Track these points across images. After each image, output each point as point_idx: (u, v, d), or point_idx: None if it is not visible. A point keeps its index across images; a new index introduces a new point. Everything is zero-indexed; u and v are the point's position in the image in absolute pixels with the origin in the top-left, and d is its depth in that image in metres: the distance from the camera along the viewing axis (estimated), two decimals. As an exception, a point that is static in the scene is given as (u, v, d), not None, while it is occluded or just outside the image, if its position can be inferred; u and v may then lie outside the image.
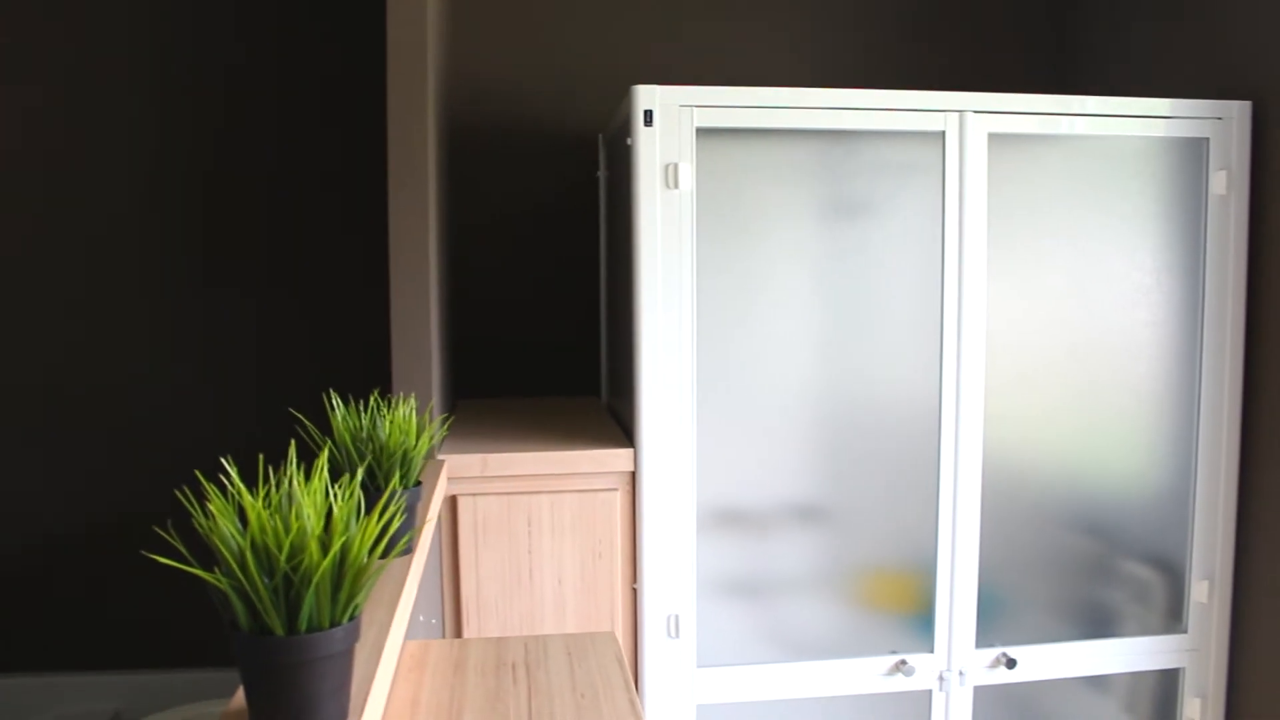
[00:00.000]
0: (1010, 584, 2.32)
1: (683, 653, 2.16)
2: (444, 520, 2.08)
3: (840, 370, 2.20)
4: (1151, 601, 2.39)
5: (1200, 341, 2.32)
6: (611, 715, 1.02)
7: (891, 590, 2.28)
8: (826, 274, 2.18)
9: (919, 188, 2.19)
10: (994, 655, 2.29)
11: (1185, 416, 2.34)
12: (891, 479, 2.24)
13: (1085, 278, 2.27)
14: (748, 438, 2.18)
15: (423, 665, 1.18)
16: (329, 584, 0.89)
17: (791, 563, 2.23)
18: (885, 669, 2.25)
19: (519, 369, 2.94)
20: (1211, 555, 2.37)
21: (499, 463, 2.07)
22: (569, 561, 2.09)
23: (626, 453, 2.10)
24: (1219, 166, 2.29)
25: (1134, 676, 2.41)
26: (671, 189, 2.07)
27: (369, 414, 1.40)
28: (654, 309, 2.08)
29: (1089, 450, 2.32)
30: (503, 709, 1.05)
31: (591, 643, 1.21)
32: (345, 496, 0.93)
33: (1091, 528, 2.34)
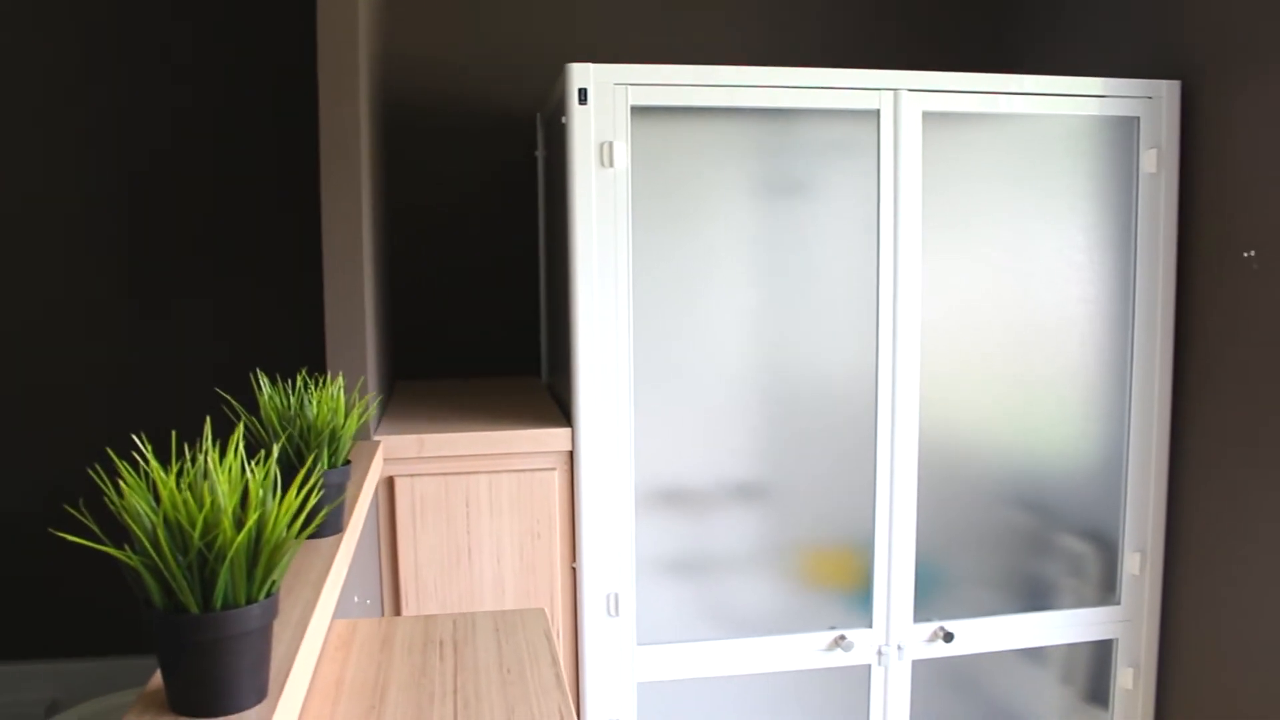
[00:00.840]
0: (947, 559, 2.35)
1: (622, 631, 2.16)
2: (381, 502, 2.07)
3: (779, 349, 2.21)
4: (1085, 574, 2.43)
5: (1132, 317, 2.35)
6: (537, 690, 1.02)
7: (830, 567, 2.30)
8: (764, 253, 2.18)
9: (855, 166, 2.20)
10: (932, 629, 2.32)
11: (1118, 392, 2.37)
12: (830, 457, 2.26)
13: (1019, 255, 2.29)
14: (686, 417, 2.18)
15: (350, 644, 1.17)
16: (244, 560, 0.88)
17: (731, 540, 2.24)
18: (824, 645, 2.27)
19: (459, 351, 2.92)
20: (1143, 528, 2.41)
21: (436, 443, 2.05)
22: (508, 541, 2.09)
23: (564, 432, 2.10)
24: (1149, 145, 2.32)
25: (1069, 648, 2.45)
26: (606, 168, 2.06)
27: (296, 393, 1.39)
28: (590, 287, 2.08)
29: (1024, 426, 2.34)
30: (428, 685, 1.04)
31: (520, 619, 1.21)
32: (262, 473, 0.92)
33: (1027, 502, 2.37)
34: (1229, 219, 2.25)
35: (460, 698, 1.02)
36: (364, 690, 1.04)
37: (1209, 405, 2.31)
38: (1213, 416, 2.30)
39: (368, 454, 1.89)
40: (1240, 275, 2.22)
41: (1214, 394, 2.30)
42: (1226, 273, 2.26)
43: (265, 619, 0.89)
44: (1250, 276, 2.19)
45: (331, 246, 1.94)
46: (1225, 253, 2.26)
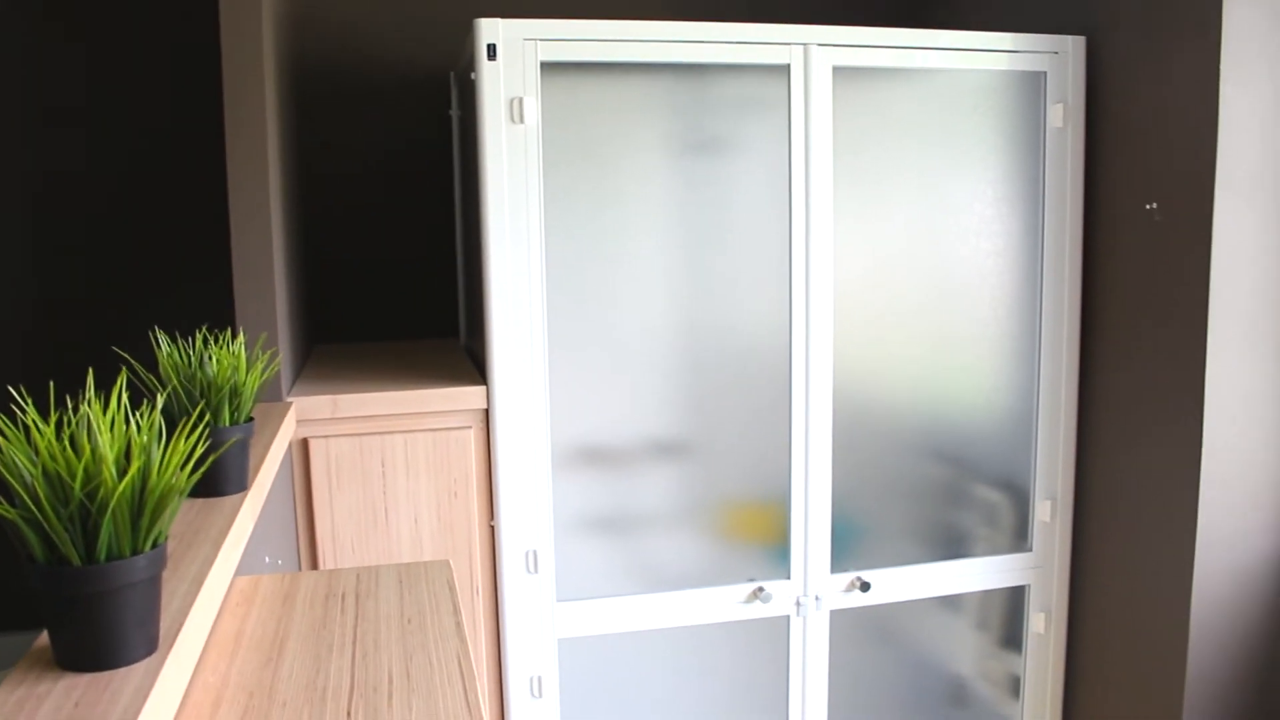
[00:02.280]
0: (865, 511, 2.38)
1: (542, 587, 2.17)
2: (296, 463, 2.05)
3: (695, 307, 2.22)
4: (999, 523, 2.48)
5: (1040, 269, 2.39)
6: (436, 637, 1.02)
7: (749, 522, 2.33)
8: (679, 210, 2.19)
9: (768, 123, 2.21)
10: (849, 580, 2.35)
11: (1028, 343, 2.42)
12: (747, 414, 2.28)
13: (930, 210, 2.32)
14: (604, 375, 2.19)
15: (252, 599, 1.16)
16: (128, 511, 0.87)
17: (651, 497, 2.25)
18: (743, 597, 2.30)
19: (379, 315, 2.90)
20: (1053, 476, 2.46)
21: (350, 403, 2.04)
22: (425, 501, 2.08)
23: (479, 390, 2.09)
24: (1056, 100, 2.36)
25: (983, 595, 2.50)
26: (517, 124, 2.05)
27: (196, 349, 1.37)
28: (502, 244, 2.07)
29: (937, 379, 2.38)
30: (327, 636, 1.04)
31: (424, 571, 1.21)
32: (147, 424, 0.90)
33: (941, 454, 2.41)
34: (1132, 172, 2.29)
35: (359, 647, 1.02)
36: (262, 643, 1.03)
37: (1116, 355, 2.37)
38: (1120, 366, 2.36)
39: (278, 415, 1.87)
40: (1143, 227, 2.26)
41: (1120, 343, 2.35)
42: (1130, 225, 2.30)
43: (152, 570, 0.88)
44: (1152, 228, 2.24)
45: (238, 206, 1.91)
46: (1129, 205, 2.30)
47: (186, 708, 0.92)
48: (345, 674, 0.96)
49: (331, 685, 0.94)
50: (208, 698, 0.93)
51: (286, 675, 0.97)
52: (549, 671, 2.20)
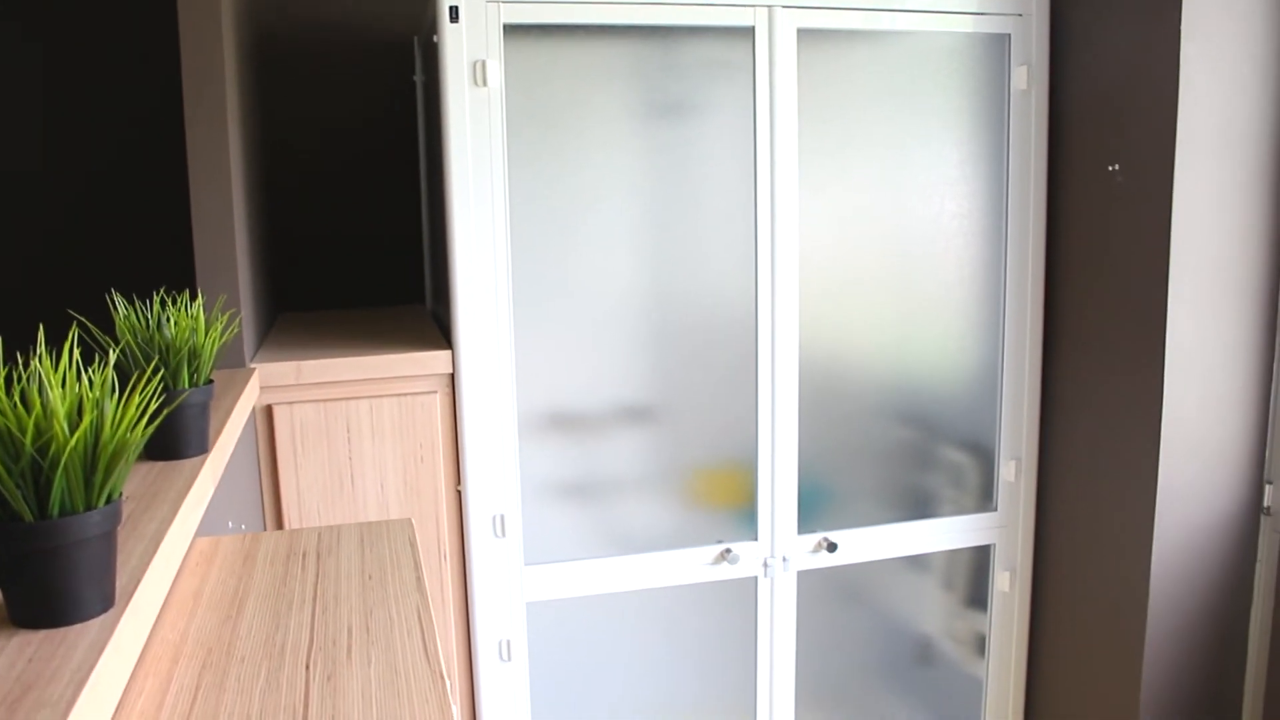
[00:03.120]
0: (831, 474, 2.40)
1: (510, 551, 2.17)
2: (260, 430, 2.04)
3: (661, 271, 2.22)
4: (964, 483, 2.50)
5: (1005, 231, 2.40)
6: (397, 593, 1.03)
7: (717, 485, 2.34)
8: (644, 175, 2.18)
9: (733, 86, 2.20)
10: (816, 540, 2.37)
11: (992, 305, 2.43)
12: (715, 378, 2.28)
13: (895, 172, 2.32)
14: (571, 340, 2.18)
15: (211, 559, 1.16)
16: (80, 466, 0.86)
17: (619, 462, 2.26)
18: (711, 558, 2.31)
19: (344, 282, 2.88)
20: (1018, 437, 2.48)
21: (314, 369, 2.03)
22: (391, 466, 2.08)
23: (444, 355, 2.08)
24: (1020, 62, 2.36)
25: (949, 555, 2.53)
26: (480, 87, 2.04)
27: (154, 311, 1.36)
28: (466, 208, 2.06)
29: (903, 341, 2.39)
30: (287, 594, 1.04)
31: (386, 529, 1.21)
32: (100, 379, 0.90)
33: (907, 416, 2.43)
34: (1095, 134, 2.30)
35: (319, 603, 1.02)
36: (222, 601, 1.03)
37: (1079, 315, 2.38)
38: (1083, 326, 2.37)
39: (241, 380, 1.86)
40: (1106, 188, 2.28)
41: (1083, 304, 2.37)
42: (1093, 186, 2.31)
43: (106, 526, 0.88)
44: (1115, 189, 2.25)
45: (198, 167, 1.89)
46: (1092, 167, 2.31)
47: (144, 664, 0.92)
48: (305, 629, 0.96)
49: (291, 640, 0.94)
50: (166, 653, 0.93)
51: (246, 631, 0.97)
52: (518, 635, 2.21)
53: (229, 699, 0.85)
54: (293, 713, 0.82)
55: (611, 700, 2.35)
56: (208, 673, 0.89)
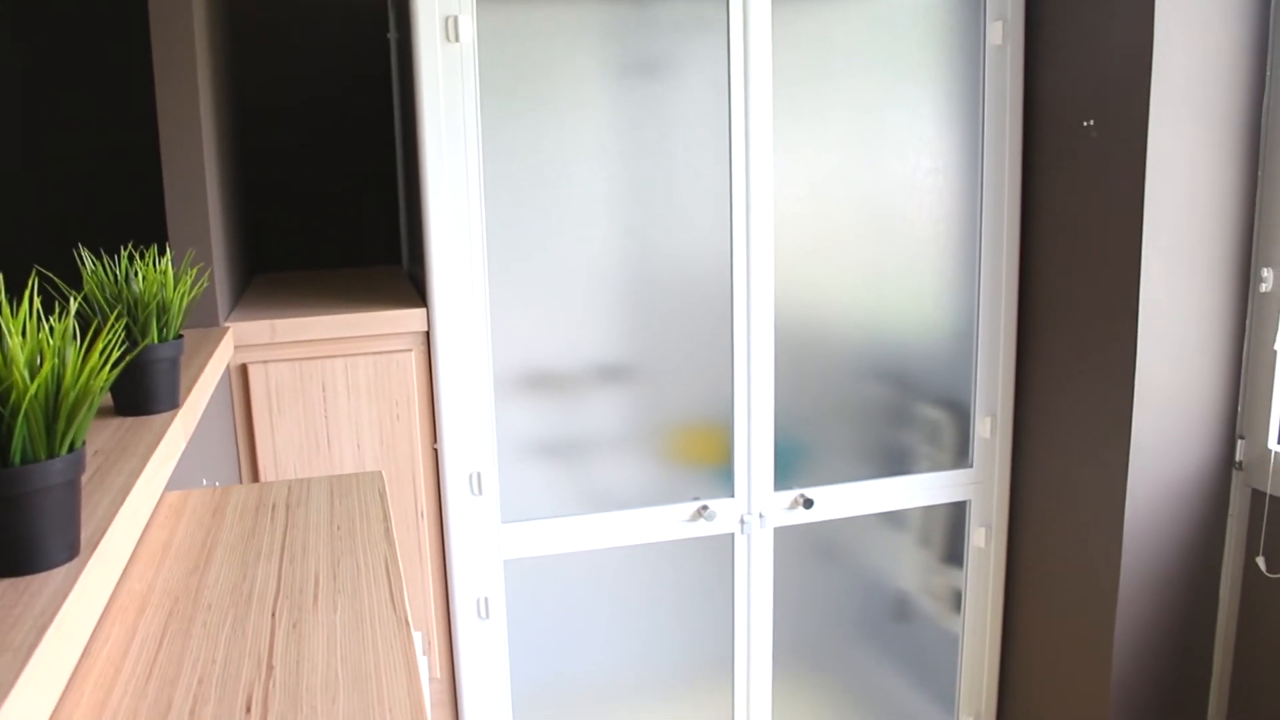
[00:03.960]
0: (808, 432, 2.40)
1: (486, 509, 2.18)
2: (235, 389, 2.04)
3: (636, 230, 2.21)
4: (940, 440, 2.51)
5: (980, 188, 2.40)
6: (365, 543, 1.03)
7: (694, 443, 2.34)
8: (619, 134, 2.17)
9: (707, 44, 2.19)
10: (792, 497, 2.38)
11: (968, 261, 2.44)
12: (691, 337, 2.28)
13: (870, 129, 2.32)
14: (546, 298, 2.18)
15: (180, 513, 1.16)
16: (41, 413, 0.86)
17: (595, 421, 2.26)
18: (688, 515, 2.32)
19: (320, 243, 2.87)
20: (993, 393, 2.49)
21: (288, 328, 2.02)
22: (367, 425, 2.08)
23: (419, 313, 2.08)
24: (995, 17, 2.35)
25: (925, 512, 2.54)
26: (452, 43, 2.02)
27: (122, 267, 1.35)
28: (439, 163, 2.05)
29: (879, 299, 2.40)
30: (255, 544, 1.04)
31: (356, 482, 1.21)
32: (61, 328, 0.89)
33: (883, 374, 2.44)
34: (1070, 89, 2.30)
35: (287, 553, 1.02)
36: (190, 552, 1.03)
37: (1054, 271, 2.39)
38: (1057, 282, 2.38)
39: (214, 339, 1.85)
40: (1081, 144, 2.28)
41: (1058, 260, 2.37)
42: (1068, 142, 2.31)
43: (69, 474, 0.87)
44: (1090, 145, 2.25)
45: (167, 119, 1.88)
46: (1067, 122, 2.31)
47: (111, 613, 0.92)
48: (272, 578, 0.97)
49: (258, 589, 0.94)
50: (132, 603, 0.93)
51: (213, 581, 0.97)
52: (495, 592, 2.22)
53: (194, 645, 0.85)
54: (258, 659, 0.82)
55: (590, 656, 2.36)
56: (174, 621, 0.89)
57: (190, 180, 1.89)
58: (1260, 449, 2.24)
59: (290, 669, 0.80)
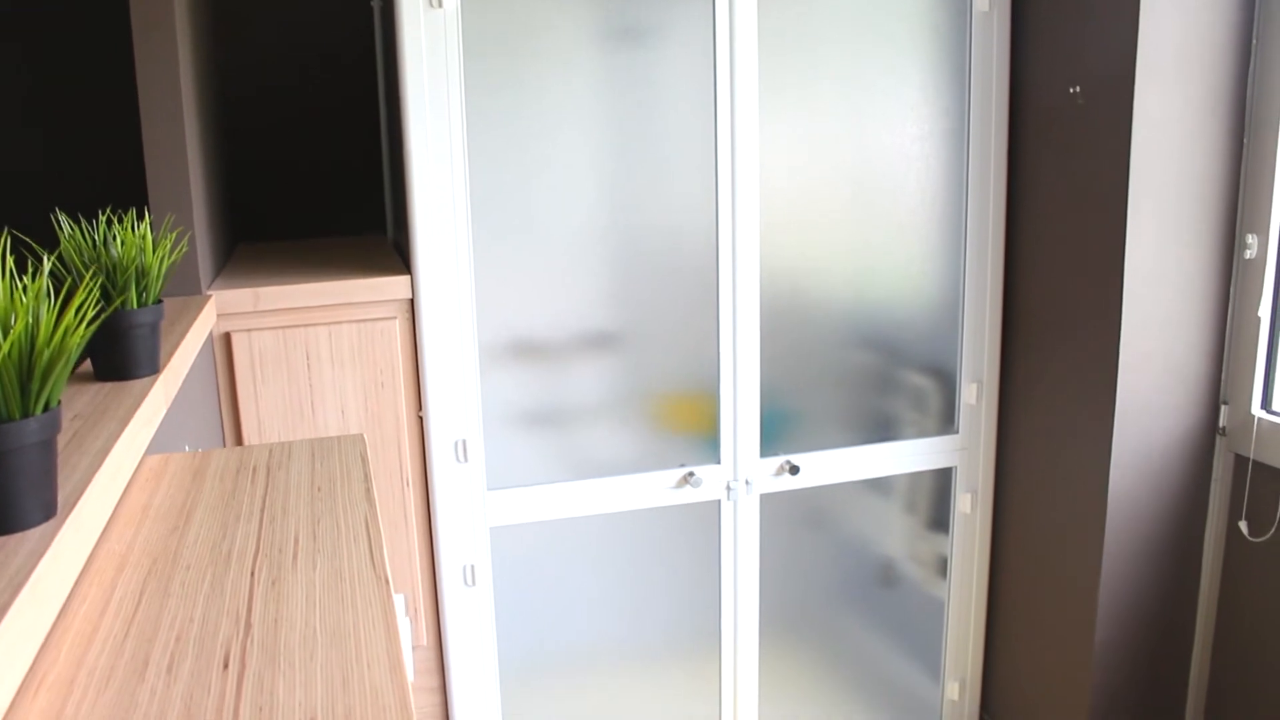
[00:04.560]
0: (794, 399, 2.40)
1: (472, 476, 2.18)
2: (219, 358, 2.03)
3: (622, 198, 2.20)
4: (926, 406, 2.51)
5: (967, 154, 2.40)
6: (345, 503, 1.03)
7: (680, 411, 2.34)
8: (605, 100, 2.16)
9: (694, 10, 2.17)
10: (778, 463, 2.38)
11: (954, 228, 2.43)
12: (677, 305, 2.28)
13: (857, 95, 2.31)
14: (531, 265, 2.17)
15: (161, 476, 1.15)
16: (14, 373, 0.85)
17: (582, 389, 2.26)
18: (674, 482, 2.32)
19: (304, 212, 2.85)
20: (979, 359, 2.50)
21: (271, 296, 2.01)
22: (351, 392, 2.07)
23: (403, 280, 2.07)
24: (982, -19, 2.34)
25: (911, 477, 2.55)
26: (435, 8, 2.00)
27: (100, 230, 1.34)
28: (422, 129, 2.03)
29: (865, 266, 2.39)
30: (235, 506, 1.04)
31: (338, 444, 1.20)
32: (35, 288, 0.89)
33: (869, 341, 2.44)
34: (1057, 56, 2.29)
35: (267, 514, 1.01)
36: (170, 514, 1.03)
37: (1040, 237, 2.39)
38: (1043, 248, 2.38)
39: (197, 306, 1.84)
40: (1068, 110, 2.27)
41: (1044, 226, 2.37)
42: (1055, 109, 2.31)
43: (44, 434, 0.87)
44: (1077, 112, 2.25)
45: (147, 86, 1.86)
46: (1053, 90, 2.30)
47: (89, 574, 0.91)
48: (251, 538, 0.96)
49: (237, 549, 0.94)
50: (111, 564, 0.93)
51: (192, 541, 0.96)
52: (482, 560, 2.22)
53: (172, 604, 0.85)
54: (235, 616, 0.82)
55: (577, 623, 2.37)
56: (152, 580, 0.89)
57: (170, 144, 1.87)
58: (1244, 414, 2.25)
59: (268, 627, 0.80)
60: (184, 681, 0.73)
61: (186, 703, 0.70)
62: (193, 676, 0.74)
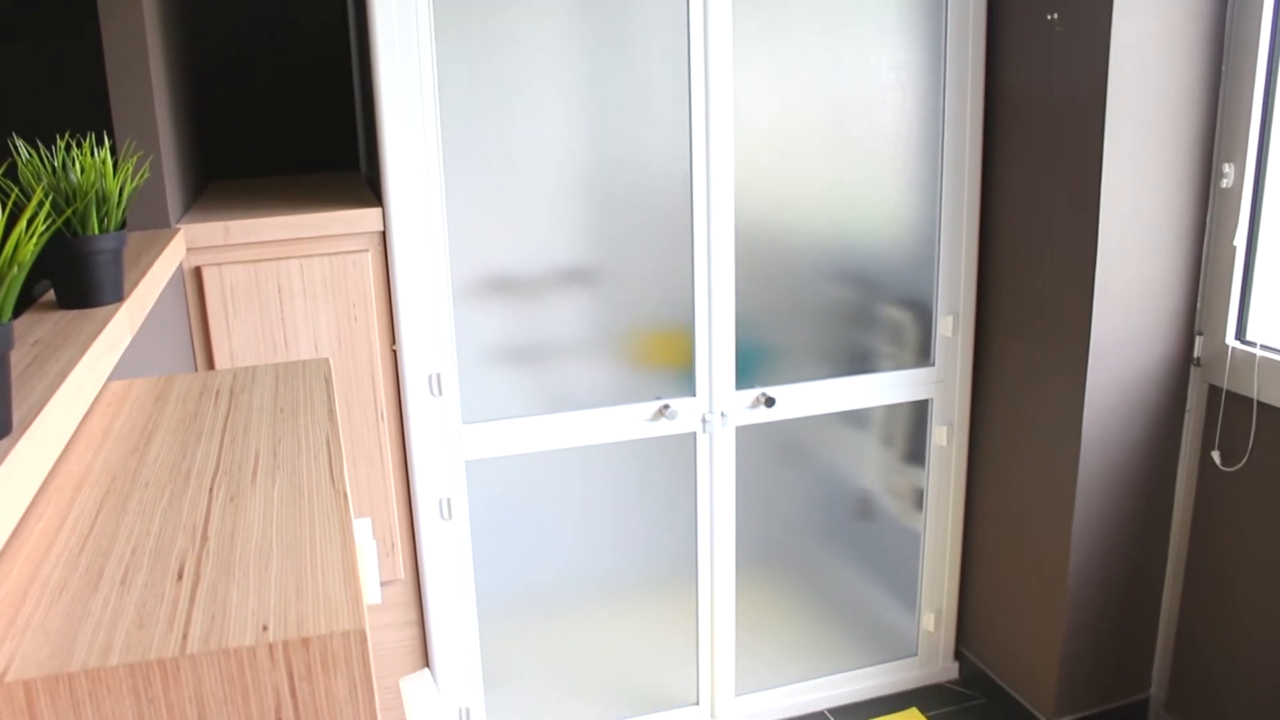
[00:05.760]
0: (771, 333, 2.40)
1: (447, 410, 2.17)
2: (190, 293, 2.01)
3: (598, 135, 2.18)
4: (903, 339, 2.51)
5: (943, 83, 2.38)
6: (308, 424, 1.02)
7: (657, 346, 2.34)
8: (579, 38, 2.13)
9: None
10: (754, 396, 2.39)
11: (930, 159, 2.42)
12: (654, 241, 2.26)
13: (832, 23, 2.28)
14: (507, 202, 2.15)
15: (124, 400, 1.14)
16: (-36, 288, 0.84)
17: (558, 324, 2.25)
18: (649, 415, 2.32)
19: (277, 149, 2.82)
20: (955, 291, 2.49)
21: (242, 229, 1.99)
22: (324, 326, 2.06)
23: (374, 212, 2.05)
24: (960, -93, 2.31)
25: (888, 410, 2.55)
26: (402, -69, 1.97)
27: (59, 155, 1.32)
28: (391, 58, 2.00)
29: (841, 199, 2.38)
30: (197, 427, 1.03)
31: (303, 368, 1.20)
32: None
33: (846, 274, 2.43)
34: (1035, -20, 2.27)
35: (229, 434, 1.01)
36: (130, 435, 1.02)
37: (1016, 167, 2.38)
38: (1020, 179, 2.37)
39: (165, 239, 1.82)
40: (1045, 37, 2.25)
41: (1020, 156, 2.36)
42: (1033, 35, 2.29)
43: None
44: (1054, 38, 2.23)
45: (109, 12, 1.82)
46: (1030, 16, 2.28)
47: (46, 493, 0.91)
48: (211, 457, 0.96)
49: (196, 467, 0.94)
50: (69, 483, 0.92)
51: (152, 461, 0.96)
52: (458, 493, 2.22)
53: (129, 520, 0.84)
54: (192, 530, 0.82)
55: (554, 557, 2.38)
56: (110, 498, 0.89)
57: (132, 66, 1.83)
58: (1218, 345, 2.26)
59: (224, 539, 0.80)
60: (137, 591, 0.73)
61: (139, 611, 0.70)
62: (146, 587, 0.73)
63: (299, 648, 0.66)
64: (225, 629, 0.67)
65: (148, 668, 0.65)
